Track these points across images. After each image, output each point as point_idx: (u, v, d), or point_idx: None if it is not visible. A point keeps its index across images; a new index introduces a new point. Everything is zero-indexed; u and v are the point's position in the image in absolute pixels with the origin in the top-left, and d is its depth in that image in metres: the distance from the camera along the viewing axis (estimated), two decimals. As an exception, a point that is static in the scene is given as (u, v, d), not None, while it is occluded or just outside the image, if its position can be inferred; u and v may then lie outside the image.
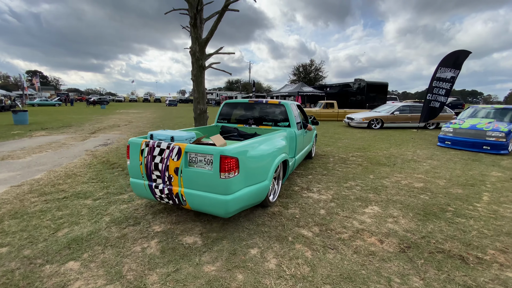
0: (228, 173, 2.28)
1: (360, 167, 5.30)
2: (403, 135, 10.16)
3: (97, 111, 24.29)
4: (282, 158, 3.20)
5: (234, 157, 2.31)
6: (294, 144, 4.03)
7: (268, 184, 2.82)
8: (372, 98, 19.24)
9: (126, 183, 3.91)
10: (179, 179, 2.46)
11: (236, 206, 2.45)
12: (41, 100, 37.23)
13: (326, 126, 13.42)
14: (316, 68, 44.75)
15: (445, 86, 10.09)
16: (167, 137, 2.64)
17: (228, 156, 2.27)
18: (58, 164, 4.90)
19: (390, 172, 5.00)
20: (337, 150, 7.10)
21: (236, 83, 66.82)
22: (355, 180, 4.43)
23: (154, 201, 3.26)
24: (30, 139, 7.72)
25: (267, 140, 3.05)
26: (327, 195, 3.70)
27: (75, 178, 4.13)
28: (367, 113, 13.08)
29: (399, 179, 4.54)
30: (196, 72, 8.18)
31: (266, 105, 4.55)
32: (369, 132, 11.11)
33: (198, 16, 7.98)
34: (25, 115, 12.46)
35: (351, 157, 6.29)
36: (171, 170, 2.47)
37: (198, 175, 2.39)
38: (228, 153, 2.29)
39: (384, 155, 6.55)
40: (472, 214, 3.16)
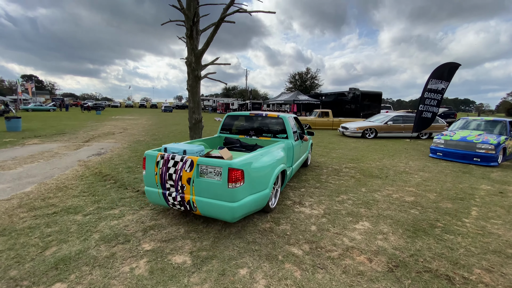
0: (235, 183, 2.61)
1: (352, 180, 5.35)
2: (396, 145, 10.29)
3: (92, 117, 24.16)
4: (281, 168, 3.50)
5: (240, 169, 2.63)
6: (291, 154, 4.34)
7: (269, 192, 3.13)
8: (367, 107, 19.51)
9: (118, 197, 3.89)
10: (191, 188, 2.78)
11: (241, 212, 2.76)
12: (36, 105, 36.90)
13: (321, 135, 13.53)
14: (312, 76, 45.37)
15: (436, 97, 10.31)
16: (180, 151, 2.95)
17: (235, 169, 2.60)
18: (50, 176, 4.85)
19: (382, 184, 5.06)
20: (330, 161, 7.16)
21: (233, 90, 67.19)
22: (347, 193, 4.47)
23: (166, 207, 3.54)
24: (22, 148, 7.64)
25: (268, 153, 3.37)
26: (319, 209, 3.72)
27: (66, 191, 4.09)
28: (361, 123, 13.25)
29: (390, 193, 4.59)
30: (192, 82, 8.24)
31: (265, 118, 4.91)
32: (363, 141, 11.23)
33: (194, 27, 8.09)
34: (18, 121, 12.33)
35: (344, 168, 6.35)
36: (184, 180, 2.80)
37: (208, 184, 2.71)
38: (235, 165, 2.61)
39: (377, 166, 6.63)
40: (460, 231, 3.21)
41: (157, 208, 3.53)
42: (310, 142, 6.45)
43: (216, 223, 3.17)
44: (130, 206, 3.58)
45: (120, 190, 4.18)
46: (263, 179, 3.05)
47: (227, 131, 5.14)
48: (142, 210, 3.45)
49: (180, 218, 3.25)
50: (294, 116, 5.44)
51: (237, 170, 2.61)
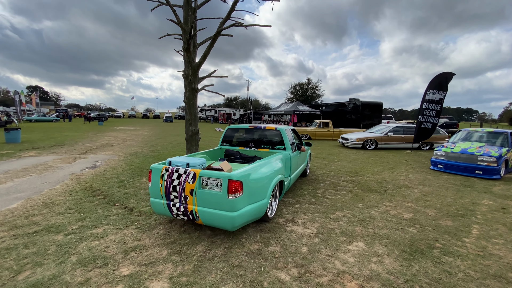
0: (234, 194, 2.79)
1: (350, 194, 5.19)
2: (397, 157, 10.11)
3: (94, 128, 24.30)
4: (278, 179, 3.69)
5: (239, 181, 2.81)
6: (289, 165, 4.54)
7: (267, 202, 3.30)
8: (367, 117, 19.43)
9: (104, 214, 3.77)
10: (193, 199, 2.95)
11: (241, 221, 2.93)
12: (39, 116, 37.29)
13: (321, 146, 13.40)
14: (313, 86, 45.64)
15: (434, 108, 10.22)
16: (183, 164, 3.15)
17: (234, 180, 2.78)
18: (39, 191, 4.76)
19: (380, 200, 4.89)
20: (328, 173, 7.01)
21: (235, 100, 67.72)
22: (343, 210, 4.31)
23: (170, 217, 3.65)
24: (17, 161, 7.59)
25: (266, 164, 3.55)
26: (312, 228, 3.56)
27: (52, 208, 3.99)
28: (361, 134, 13.13)
29: (388, 209, 4.42)
30: (189, 95, 8.24)
31: (264, 131, 5.13)
32: (363, 153, 11.08)
33: (191, 41, 8.16)
34: (18, 133, 12.38)
35: (342, 182, 6.19)
36: (187, 191, 2.96)
37: (209, 195, 2.88)
38: (234, 177, 2.80)
39: (376, 179, 6.46)
40: (460, 252, 3.03)
41: (142, 227, 3.40)
42: (308, 153, 6.62)
43: (201, 243, 3.03)
44: (115, 224, 3.45)
45: (108, 207, 4.07)
46: (261, 190, 3.22)
47: (228, 143, 5.34)
48: (127, 229, 3.32)
49: (165, 238, 3.11)
50: (291, 128, 5.66)
51: (236, 182, 2.79)
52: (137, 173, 6.31)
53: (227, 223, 2.86)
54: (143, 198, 4.55)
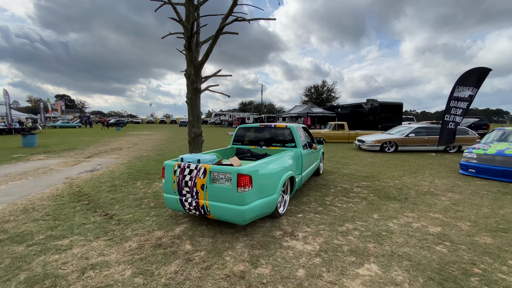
0: (243, 188, 2.82)
1: (364, 202, 4.50)
2: (420, 160, 9.14)
3: (111, 133, 24.91)
4: (288, 175, 3.69)
5: (248, 175, 2.85)
6: (300, 163, 4.52)
7: (277, 197, 3.32)
8: (386, 119, 18.24)
9: (79, 222, 3.39)
10: (204, 194, 3.02)
11: (251, 215, 2.95)
12: (63, 122, 39.19)
13: (335, 149, 12.60)
14: (329, 89, 44.44)
15: (462, 106, 9.18)
16: (194, 160, 3.22)
17: (243, 174, 2.82)
18: (26, 195, 4.52)
19: (400, 209, 4.16)
20: (341, 178, 6.31)
21: (250, 105, 67.68)
22: (355, 221, 3.65)
23: (183, 212, 3.60)
24: (23, 164, 7.58)
25: (275, 160, 3.57)
26: (315, 244, 2.95)
27: (30, 213, 3.68)
28: (380, 135, 12.18)
29: (410, 220, 3.70)
30: (191, 95, 7.89)
31: (274, 129, 5.14)
32: (381, 156, 10.17)
33: (193, 39, 7.82)
34: (34, 138, 12.71)
35: (356, 188, 5.49)
36: (198, 186, 3.03)
37: (220, 190, 2.93)
38: (244, 171, 2.83)
39: (395, 185, 5.69)
40: (507, 282, 2.30)
41: (114, 239, 2.96)
42: (321, 151, 6.55)
43: (176, 262, 2.52)
44: (86, 235, 3.04)
45: (88, 214, 3.69)
46: (271, 185, 3.24)
47: (239, 142, 5.40)
48: (96, 241, 2.90)
49: (135, 254, 2.64)
50: (302, 126, 5.51)
51: (245, 176, 2.82)
52: (134, 177, 5.98)
53: (237, 216, 2.88)
54: (129, 204, 4.15)
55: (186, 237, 3.05)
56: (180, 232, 3.18)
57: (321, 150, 6.75)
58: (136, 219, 3.53)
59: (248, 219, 2.97)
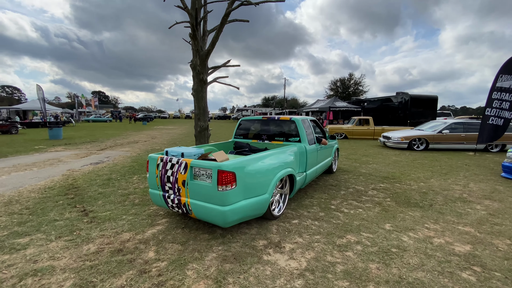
0: (225, 186, 2.50)
1: (376, 208, 3.82)
2: (454, 160, 7.98)
3: (136, 127, 25.85)
4: (285, 172, 3.29)
5: (231, 172, 2.52)
6: (305, 159, 4.09)
7: (268, 197, 2.95)
8: (418, 114, 16.55)
9: (51, 219, 3.18)
10: (186, 190, 2.75)
11: (234, 217, 2.63)
12: (95, 117, 41.75)
13: (357, 146, 11.63)
14: (356, 82, 41.99)
15: (507, 98, 7.81)
16: (178, 153, 2.96)
17: (225, 171, 2.49)
18: (19, 187, 4.49)
19: (420, 219, 3.44)
20: (356, 179, 5.60)
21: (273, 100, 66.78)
22: (360, 232, 3.03)
23: (167, 209, 3.43)
24: (39, 155, 7.86)
25: (270, 156, 3.19)
26: (302, 260, 2.42)
27: (11, 206, 3.57)
28: (408, 132, 10.97)
29: (431, 235, 2.99)
30: (197, 87, 7.56)
31: (278, 122, 4.69)
32: (409, 154, 9.10)
33: (199, 27, 7.45)
34: (59, 130, 13.40)
35: (371, 190, 4.77)
36: (179, 182, 2.77)
37: (200, 187, 2.63)
38: (225, 168, 2.50)
39: (419, 189, 4.86)
40: None
41: (75, 240, 2.68)
42: (334, 147, 6.03)
43: (127, 273, 2.14)
44: (50, 233, 2.80)
45: (66, 209, 3.50)
46: (261, 183, 2.89)
47: (241, 136, 5.05)
48: (57, 241, 2.64)
49: (87, 260, 2.31)
50: (311, 119, 5.08)
51: (227, 173, 2.50)
52: (133, 171, 5.82)
53: (218, 218, 2.58)
54: (113, 200, 3.91)
55: (154, 242, 2.68)
56: (150, 235, 2.83)
57: (335, 146, 6.11)
58: (111, 217, 3.25)
59: (231, 221, 2.65)
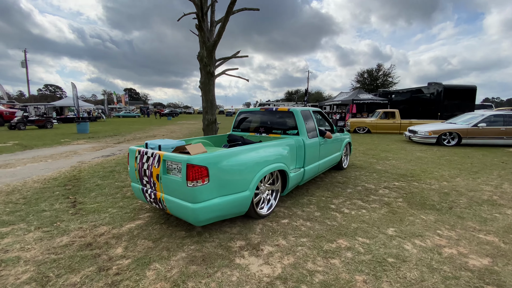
0: (196, 182, 2.29)
1: (383, 209, 3.39)
2: (489, 157, 7.01)
3: (160, 122, 26.79)
4: (273, 168, 3.01)
5: (203, 166, 2.32)
6: (302, 154, 3.79)
7: (249, 195, 2.71)
8: (452, 107, 14.96)
9: (41, 208, 3.22)
10: (160, 185, 2.59)
11: (207, 215, 2.44)
12: (125, 113, 44.13)
13: (379, 140, 10.82)
14: (385, 73, 39.35)
15: None
16: (156, 146, 2.81)
17: (195, 165, 2.28)
18: (27, 177, 4.71)
19: (433, 224, 2.96)
20: (368, 176, 5.11)
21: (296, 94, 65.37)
22: (355, 236, 2.66)
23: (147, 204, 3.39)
24: (61, 147, 8.34)
25: (252, 149, 2.93)
26: (277, 266, 2.15)
27: (10, 196, 3.70)
28: (438, 125, 9.94)
29: (442, 243, 2.53)
30: (204, 79, 7.44)
31: (275, 113, 4.39)
32: (436, 150, 8.21)
33: (205, 18, 7.28)
34: (86, 125, 14.23)
35: (383, 188, 4.29)
36: (154, 176, 2.63)
37: (172, 182, 2.45)
38: (196, 161, 2.30)
39: (440, 188, 4.28)
40: None
41: (52, 232, 2.65)
42: (344, 141, 5.53)
43: (83, 273, 2.04)
44: (32, 223, 2.82)
45: (58, 200, 3.55)
46: (240, 179, 2.64)
47: (239, 129, 4.82)
48: (34, 232, 2.64)
49: (53, 254, 2.25)
50: (314, 110, 4.70)
51: (198, 167, 2.29)
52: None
53: (189, 216, 2.40)
54: (107, 192, 3.92)
55: (127, 237, 2.57)
56: (126, 230, 2.73)
57: (346, 140, 5.60)
58: (97, 210, 3.22)
59: (204, 220, 2.46)
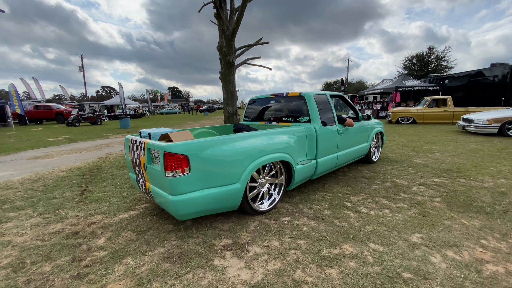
0: (174, 172, 2.11)
1: (412, 210, 2.79)
2: None
3: (198, 118, 27.83)
4: (271, 158, 2.69)
5: (183, 155, 2.13)
6: (315, 144, 3.35)
7: (240, 188, 2.44)
8: (524, 90, 12.43)
9: (52, 196, 3.38)
10: (147, 175, 2.50)
11: (189, 209, 2.23)
12: (168, 110, 47.05)
13: (425, 131, 9.50)
14: (438, 56, 34.70)
15: None
16: (147, 134, 2.73)
17: (174, 153, 2.10)
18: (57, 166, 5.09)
19: (476, 230, 2.31)
20: (402, 170, 4.39)
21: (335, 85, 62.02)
22: (366, 241, 2.19)
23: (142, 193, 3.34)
24: (101, 140, 9.06)
25: (244, 138, 2.60)
26: (258, 272, 1.82)
27: (34, 183, 3.99)
28: (501, 112, 8.27)
29: (485, 258, 1.92)
30: (224, 70, 7.28)
31: (286, 99, 3.97)
32: (497, 142, 6.81)
33: (224, 5, 7.07)
34: (127, 121, 15.37)
35: (417, 185, 3.61)
36: (141, 166, 2.56)
37: (155, 172, 2.32)
38: (173, 150, 2.10)
39: (495, 187, 3.43)
40: None
41: (52, 218, 2.71)
42: (374, 130, 4.84)
43: (62, 259, 1.98)
44: (37, 209, 2.94)
45: (72, 188, 3.71)
46: (228, 170, 2.37)
47: (250, 118, 4.53)
48: (36, 218, 2.73)
49: (40, 240, 2.27)
50: (332, 94, 4.13)
51: (176, 156, 2.10)
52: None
53: (170, 208, 2.22)
54: (118, 182, 3.98)
55: (115, 228, 2.50)
56: (117, 220, 2.66)
57: (375, 129, 4.88)
58: (100, 199, 3.26)
59: (186, 213, 2.24)
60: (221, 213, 2.78)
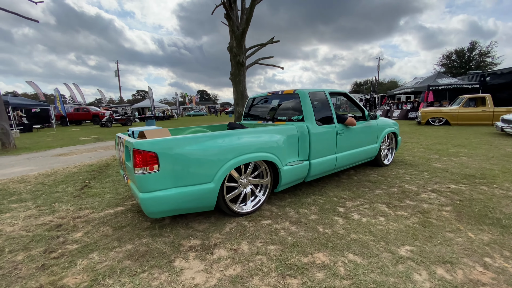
0: (142, 169, 2.10)
1: (413, 219, 2.49)
2: None
3: (222, 119, 28.38)
4: (251, 158, 2.58)
5: (150, 152, 2.11)
6: (307, 144, 3.18)
7: (214, 188, 2.36)
8: None
9: (55, 190, 3.59)
10: (127, 171, 2.55)
11: (158, 207, 2.19)
12: (195, 112, 48.68)
13: (457, 132, 8.61)
14: (482, 52, 31.43)
15: None
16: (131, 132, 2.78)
17: (142, 150, 2.09)
18: (71, 163, 5.44)
19: (483, 246, 1.97)
20: (414, 175, 3.98)
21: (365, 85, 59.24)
22: (344, 251, 1.97)
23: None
24: (123, 140, 9.60)
25: (220, 136, 2.49)
26: (215, 276, 1.73)
27: (46, 178, 4.29)
28: (551, 111, 7.19)
29: (483, 279, 1.62)
30: (234, 70, 7.31)
31: (281, 97, 3.85)
32: (543, 145, 5.90)
33: (234, 6, 7.09)
34: (153, 122, 16.13)
35: (429, 192, 3.24)
36: (123, 163, 2.64)
37: (129, 169, 2.35)
38: (141, 147, 2.09)
39: (522, 197, 2.94)
40: None
41: (45, 211, 2.88)
42: (385, 131, 4.47)
43: (35, 250, 2.06)
44: (36, 203, 3.14)
45: (76, 183, 3.92)
46: (200, 169, 2.31)
47: (249, 117, 4.41)
48: (32, 210, 2.91)
49: (25, 230, 2.40)
50: (333, 91, 3.84)
51: (145, 153, 2.09)
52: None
53: (141, 205, 2.18)
54: (120, 179, 4.14)
55: (97, 223, 2.56)
56: (102, 215, 2.74)
57: (386, 130, 4.50)
58: (96, 194, 3.40)
59: (156, 212, 2.20)
60: (201, 213, 2.73)
